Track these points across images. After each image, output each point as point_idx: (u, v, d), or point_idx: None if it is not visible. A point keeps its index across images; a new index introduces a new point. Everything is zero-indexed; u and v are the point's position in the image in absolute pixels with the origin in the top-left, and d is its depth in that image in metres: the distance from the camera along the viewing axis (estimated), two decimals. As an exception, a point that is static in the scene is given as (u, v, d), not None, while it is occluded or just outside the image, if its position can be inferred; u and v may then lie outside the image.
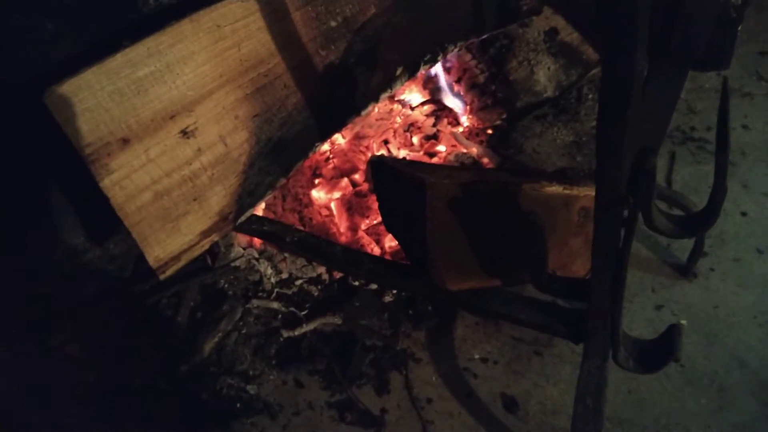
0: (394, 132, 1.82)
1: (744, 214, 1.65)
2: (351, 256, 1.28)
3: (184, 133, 1.18)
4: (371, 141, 1.77)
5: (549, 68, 1.83)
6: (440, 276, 1.14)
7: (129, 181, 1.14)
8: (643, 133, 0.97)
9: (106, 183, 1.11)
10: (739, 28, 1.52)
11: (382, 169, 1.32)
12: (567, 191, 1.20)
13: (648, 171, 0.84)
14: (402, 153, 1.78)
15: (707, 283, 1.49)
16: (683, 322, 1.43)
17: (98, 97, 1.08)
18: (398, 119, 1.85)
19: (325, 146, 1.76)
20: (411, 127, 1.85)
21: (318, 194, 1.66)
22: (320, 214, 1.63)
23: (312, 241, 1.31)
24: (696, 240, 1.47)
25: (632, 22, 0.70)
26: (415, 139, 1.82)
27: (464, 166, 1.69)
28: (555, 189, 1.19)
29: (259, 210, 1.54)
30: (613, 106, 0.78)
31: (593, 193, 0.88)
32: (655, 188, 0.87)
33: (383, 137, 1.80)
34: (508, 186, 1.14)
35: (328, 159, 1.75)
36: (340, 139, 1.79)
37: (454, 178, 1.17)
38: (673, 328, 1.09)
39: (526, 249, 1.04)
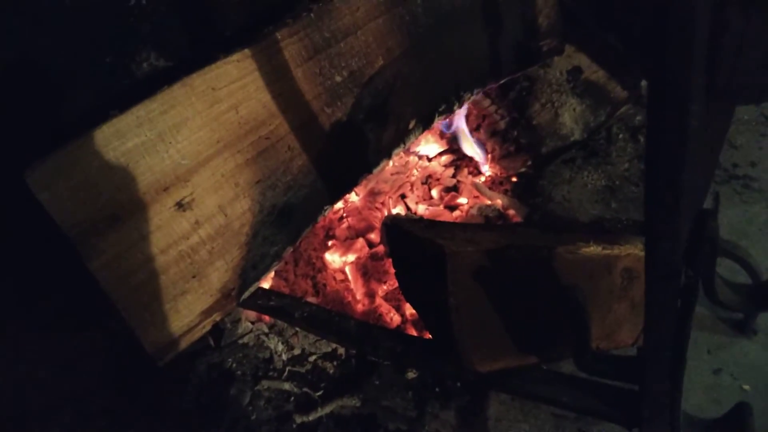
0: (412, 185, 1.71)
1: (804, 258, 1.49)
2: (366, 332, 1.15)
3: (180, 206, 1.08)
4: (387, 197, 1.66)
5: (575, 109, 1.71)
6: (468, 357, 1.00)
7: (120, 261, 1.04)
8: (695, 187, 0.83)
9: (95, 265, 1.02)
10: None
11: (397, 233, 1.20)
12: (607, 251, 1.06)
13: (710, 239, 0.70)
14: (421, 207, 1.66)
15: (770, 341, 1.33)
16: (746, 387, 1.28)
17: (84, 172, 0.99)
18: (415, 172, 1.74)
19: (338, 204, 1.65)
20: (429, 179, 1.74)
21: (332, 257, 1.54)
22: (335, 279, 1.51)
23: (323, 317, 1.19)
24: (754, 293, 1.31)
25: (688, 63, 0.58)
26: (435, 192, 1.70)
27: (489, 221, 1.56)
28: (593, 249, 1.05)
29: (269, 279, 1.43)
30: (666, 161, 0.65)
31: (637, 252, 0.75)
32: (716, 257, 0.73)
33: (400, 192, 1.69)
34: (541, 250, 1.01)
35: (341, 218, 1.64)
36: (353, 196, 1.68)
37: (477, 242, 1.05)
38: (740, 407, 0.94)
39: (564, 321, 0.91)
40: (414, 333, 1.36)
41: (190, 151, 1.07)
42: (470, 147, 1.73)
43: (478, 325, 0.99)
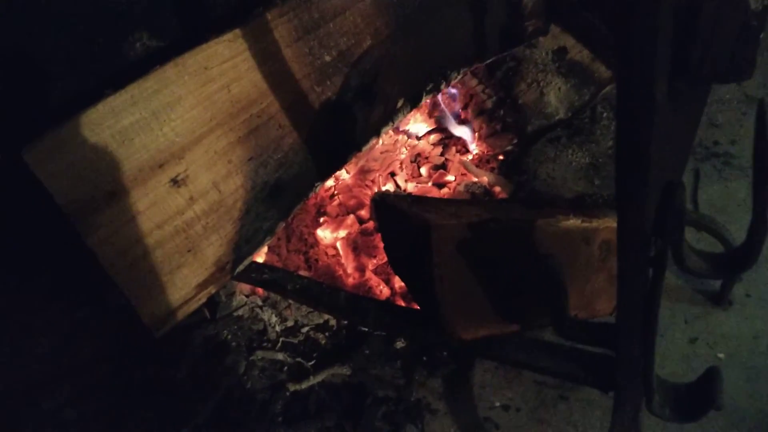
0: (401, 164, 1.75)
1: (778, 232, 1.54)
2: (356, 303, 1.20)
3: (175, 182, 1.12)
4: (377, 174, 1.70)
5: (560, 89, 1.75)
6: (452, 325, 1.05)
7: (118, 236, 1.07)
8: (666, 159, 0.88)
9: (93, 240, 1.05)
10: (761, 35, 1.44)
11: (385, 208, 1.24)
12: (586, 224, 1.11)
13: (677, 208, 0.75)
14: (410, 185, 1.70)
15: (744, 311, 1.39)
16: (721, 356, 1.34)
17: (81, 150, 1.01)
18: (404, 150, 1.78)
19: (330, 182, 1.69)
20: (418, 157, 1.78)
21: (323, 233, 1.58)
22: (326, 254, 1.55)
23: (315, 289, 1.23)
24: (729, 265, 1.36)
25: (652, 41, 0.62)
26: (423, 170, 1.74)
27: (475, 197, 1.60)
28: (573, 222, 1.09)
29: (262, 254, 1.46)
30: (633, 137, 0.69)
31: (615, 225, 0.79)
32: (684, 226, 0.78)
33: (389, 170, 1.73)
34: (522, 223, 1.05)
35: (332, 195, 1.68)
36: (344, 174, 1.71)
37: (462, 215, 1.09)
38: (711, 371, 0.99)
39: (544, 291, 0.95)
40: (402, 305, 1.41)
41: (184, 129, 1.10)
42: (458, 126, 1.76)
43: (461, 294, 1.04)
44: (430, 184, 1.70)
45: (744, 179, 1.70)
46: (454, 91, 1.77)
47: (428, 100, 1.55)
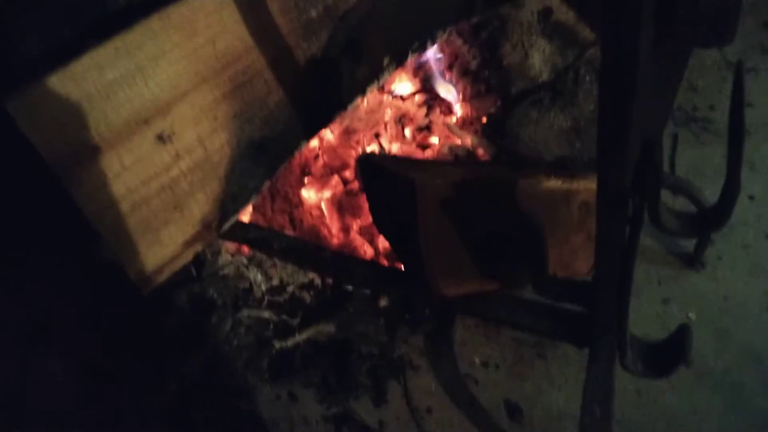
0: (385, 125, 1.75)
1: (751, 197, 1.58)
2: (341, 262, 1.22)
3: (160, 138, 1.11)
4: (361, 135, 1.70)
5: (544, 51, 1.75)
6: (435, 282, 1.07)
7: (104, 192, 1.07)
8: (646, 119, 0.90)
9: (78, 194, 1.05)
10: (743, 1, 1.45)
11: (371, 168, 1.25)
12: (566, 185, 1.13)
13: (654, 165, 0.77)
14: (394, 146, 1.71)
15: (715, 273, 1.43)
16: (692, 316, 1.38)
17: (65, 103, 1.00)
18: (389, 111, 1.78)
19: (314, 142, 1.69)
20: (402, 118, 1.78)
21: (308, 194, 1.59)
22: (311, 215, 1.56)
23: (300, 247, 1.25)
24: (703, 228, 1.40)
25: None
26: (408, 131, 1.75)
27: (458, 159, 1.62)
28: (554, 183, 1.12)
29: (247, 214, 1.47)
30: (616, 95, 0.71)
31: (594, 186, 0.81)
32: (661, 184, 0.80)
33: (374, 130, 1.73)
34: (504, 183, 1.07)
35: (317, 156, 1.68)
36: (328, 134, 1.71)
37: (446, 175, 1.10)
38: (682, 329, 1.03)
39: (525, 250, 0.98)
40: (386, 264, 1.43)
41: (169, 84, 1.09)
42: (443, 87, 1.77)
43: (444, 252, 1.06)
44: (414, 145, 1.71)
45: (720, 144, 1.73)
46: (439, 52, 1.77)
47: (414, 59, 1.54)
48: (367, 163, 1.27)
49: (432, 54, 1.74)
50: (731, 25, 1.49)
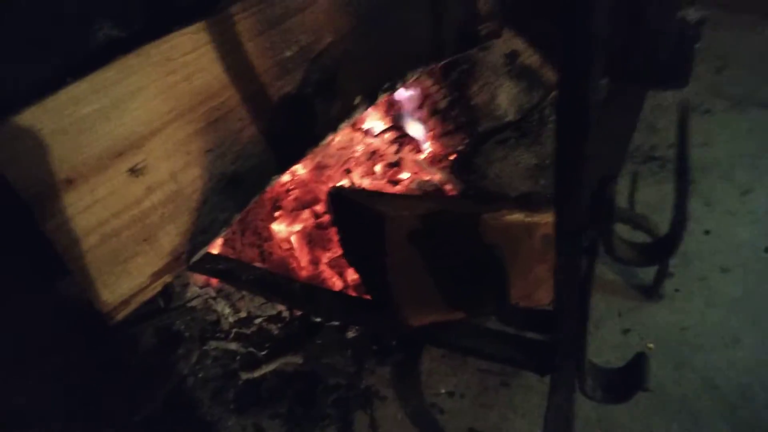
0: (357, 161, 1.79)
1: (707, 232, 1.66)
2: (310, 293, 1.24)
3: (133, 171, 1.13)
4: (333, 170, 1.74)
5: (510, 91, 1.83)
6: (402, 311, 1.10)
7: (74, 223, 1.08)
8: (604, 157, 0.95)
9: (49, 226, 1.06)
10: (697, 45, 1.54)
11: (341, 202, 1.29)
12: (528, 219, 1.18)
13: (608, 200, 0.82)
14: (365, 182, 1.75)
15: (673, 305, 1.49)
16: (651, 346, 1.43)
17: (40, 136, 1.02)
18: (360, 147, 1.82)
19: (286, 177, 1.72)
20: (373, 155, 1.83)
21: (279, 227, 1.61)
22: (281, 248, 1.58)
23: (269, 279, 1.26)
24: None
25: (589, 47, 0.68)
26: (378, 167, 1.79)
27: (427, 194, 1.66)
28: (516, 217, 1.16)
29: (217, 246, 1.49)
30: (570, 136, 0.76)
31: (555, 219, 0.86)
32: (615, 218, 0.85)
33: (345, 166, 1.78)
34: (468, 216, 1.12)
35: (288, 190, 1.71)
36: (300, 169, 1.75)
37: (413, 208, 1.14)
38: (639, 357, 1.07)
39: (487, 280, 1.02)
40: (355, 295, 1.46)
41: (144, 119, 1.12)
42: (413, 125, 1.83)
43: (411, 282, 1.09)
44: (384, 181, 1.75)
45: (677, 183, 1.81)
46: (410, 90, 1.83)
47: (385, 99, 1.60)
48: (338, 196, 1.31)
49: (403, 93, 1.81)
50: (685, 69, 1.59)
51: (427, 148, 1.84)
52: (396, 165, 1.80)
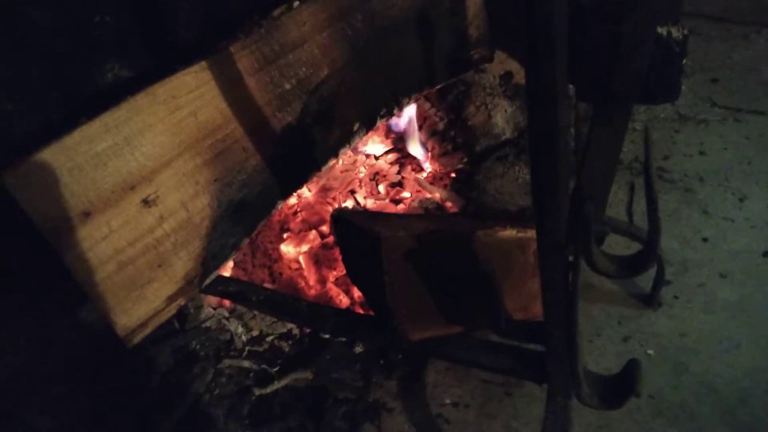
0: (360, 182, 1.86)
1: (705, 239, 1.69)
2: (317, 311, 1.30)
3: (146, 202, 1.20)
4: (338, 192, 1.81)
5: (506, 111, 1.88)
6: (402, 327, 1.16)
7: (92, 253, 1.15)
8: (595, 172, 1.01)
9: (68, 257, 1.12)
10: (684, 61, 1.59)
11: (343, 223, 1.35)
12: (521, 234, 1.23)
13: (585, 218, 0.87)
14: (369, 202, 1.81)
15: (672, 312, 1.52)
16: (650, 352, 1.47)
17: (57, 174, 1.09)
18: (363, 169, 1.89)
19: (293, 200, 1.79)
20: (376, 175, 1.89)
21: (287, 248, 1.68)
22: (290, 268, 1.65)
23: (278, 299, 1.33)
24: (657, 269, 1.50)
25: (552, 79, 0.74)
26: (381, 187, 1.86)
27: (427, 212, 1.72)
28: (509, 233, 1.22)
29: (228, 269, 1.56)
30: (542, 159, 0.82)
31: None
32: (592, 234, 0.90)
33: (349, 187, 1.84)
34: (462, 234, 1.17)
35: (295, 212, 1.78)
36: (306, 192, 1.82)
37: (410, 228, 1.20)
38: (632, 363, 1.11)
39: (483, 293, 1.07)
40: (361, 312, 1.51)
41: (154, 154, 1.19)
42: (414, 146, 1.89)
43: (410, 299, 1.15)
44: (387, 200, 1.82)
45: (674, 192, 1.86)
46: (409, 114, 1.90)
47: (384, 123, 1.66)
48: (340, 218, 1.37)
49: (402, 117, 1.87)
50: (674, 83, 1.63)
51: (428, 167, 1.90)
52: (398, 185, 1.86)
